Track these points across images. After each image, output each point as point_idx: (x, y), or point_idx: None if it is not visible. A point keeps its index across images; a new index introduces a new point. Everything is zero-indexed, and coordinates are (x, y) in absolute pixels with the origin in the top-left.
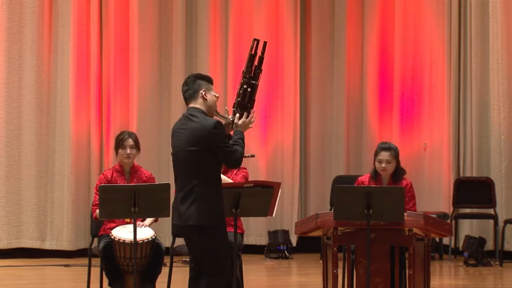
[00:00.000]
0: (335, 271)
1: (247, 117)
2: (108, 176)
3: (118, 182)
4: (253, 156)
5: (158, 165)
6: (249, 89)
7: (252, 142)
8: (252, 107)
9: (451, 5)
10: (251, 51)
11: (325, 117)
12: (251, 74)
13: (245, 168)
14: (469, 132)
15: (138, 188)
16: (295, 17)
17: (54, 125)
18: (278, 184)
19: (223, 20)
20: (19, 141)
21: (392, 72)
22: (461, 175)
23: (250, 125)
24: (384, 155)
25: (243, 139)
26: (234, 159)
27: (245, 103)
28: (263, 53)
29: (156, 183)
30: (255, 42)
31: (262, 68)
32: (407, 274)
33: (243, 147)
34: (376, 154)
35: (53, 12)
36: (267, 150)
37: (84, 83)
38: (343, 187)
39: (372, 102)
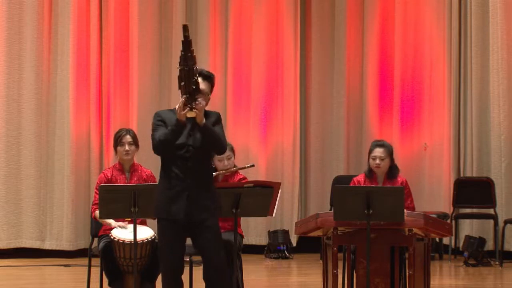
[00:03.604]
0: (335, 271)
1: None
2: (108, 175)
3: (118, 180)
4: (252, 166)
5: (158, 165)
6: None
7: (252, 142)
8: (183, 94)
9: (451, 5)
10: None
11: (325, 117)
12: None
13: (245, 178)
14: (469, 132)
15: (138, 188)
16: (295, 17)
17: (54, 125)
18: (278, 184)
19: (223, 20)
20: (19, 141)
21: (392, 72)
22: (461, 175)
23: (181, 113)
24: (378, 151)
25: (170, 128)
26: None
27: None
28: (184, 36)
29: (157, 183)
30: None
31: (184, 50)
32: (407, 274)
33: (159, 135)
34: (370, 151)
35: (53, 12)
36: (267, 150)
37: (84, 83)
38: (343, 187)
39: (372, 102)
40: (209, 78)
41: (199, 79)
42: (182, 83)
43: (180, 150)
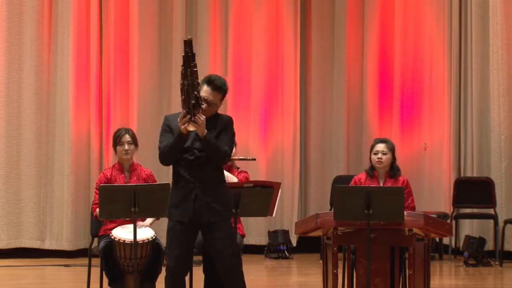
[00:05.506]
0: (335, 271)
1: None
2: (108, 174)
3: (118, 179)
4: (254, 159)
5: (158, 165)
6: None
7: (252, 142)
8: (182, 108)
9: (451, 5)
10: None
11: (325, 117)
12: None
13: (246, 172)
14: (469, 132)
15: (138, 188)
16: (295, 17)
17: (54, 125)
18: (278, 184)
19: (223, 20)
20: (18, 141)
21: (392, 72)
22: (461, 175)
23: (182, 126)
24: (380, 146)
25: (173, 140)
26: None
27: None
28: (185, 51)
29: (156, 182)
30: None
31: (184, 65)
32: (407, 274)
33: (163, 146)
34: (372, 147)
35: (53, 12)
36: (267, 150)
37: (84, 83)
38: (343, 187)
39: (372, 102)
40: (219, 89)
41: (209, 89)
42: (182, 97)
43: (185, 153)
